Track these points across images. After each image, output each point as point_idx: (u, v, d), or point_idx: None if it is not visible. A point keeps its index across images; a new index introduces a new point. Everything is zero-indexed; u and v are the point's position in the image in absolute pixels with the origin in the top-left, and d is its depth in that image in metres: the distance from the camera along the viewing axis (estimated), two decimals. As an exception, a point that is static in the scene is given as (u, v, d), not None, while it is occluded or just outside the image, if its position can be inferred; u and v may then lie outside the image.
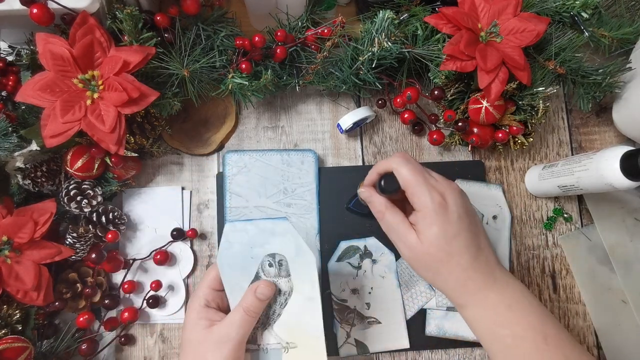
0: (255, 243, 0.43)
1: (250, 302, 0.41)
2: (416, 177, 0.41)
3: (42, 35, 0.44)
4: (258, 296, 0.41)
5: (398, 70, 0.57)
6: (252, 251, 0.43)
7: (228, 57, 0.54)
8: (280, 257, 0.43)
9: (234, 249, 0.43)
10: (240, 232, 0.43)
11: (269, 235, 0.43)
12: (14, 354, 0.44)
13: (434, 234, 0.40)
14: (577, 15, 0.54)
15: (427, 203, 0.40)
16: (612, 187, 0.46)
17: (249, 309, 0.41)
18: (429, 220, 0.40)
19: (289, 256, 0.43)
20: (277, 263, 0.43)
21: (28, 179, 0.50)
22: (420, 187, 0.41)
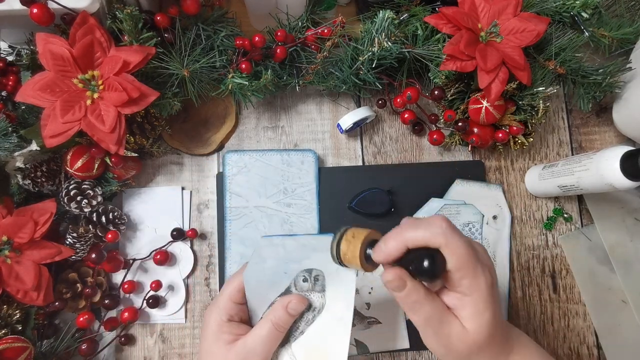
0: (292, 259, 0.40)
1: (280, 316, 0.39)
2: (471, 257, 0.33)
3: (42, 35, 0.44)
4: (289, 311, 0.39)
5: (398, 70, 0.57)
6: (286, 266, 0.40)
7: (228, 57, 0.54)
8: (318, 272, 0.40)
9: (266, 264, 0.40)
10: (276, 247, 0.40)
11: (310, 251, 0.39)
12: (14, 354, 0.44)
13: (486, 320, 0.34)
14: (577, 15, 0.54)
15: (482, 287, 0.33)
16: (612, 187, 0.46)
17: (278, 324, 0.39)
18: (482, 305, 0.34)
19: (328, 272, 0.39)
20: (313, 278, 0.40)
21: (28, 179, 0.50)
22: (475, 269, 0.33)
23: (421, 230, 0.33)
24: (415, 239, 0.33)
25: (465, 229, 0.57)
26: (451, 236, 0.32)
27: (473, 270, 0.33)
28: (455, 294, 0.35)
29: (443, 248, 0.33)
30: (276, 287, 0.40)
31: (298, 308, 0.40)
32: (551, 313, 0.57)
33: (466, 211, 0.57)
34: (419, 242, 0.33)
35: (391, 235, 0.34)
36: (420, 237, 0.33)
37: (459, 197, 0.58)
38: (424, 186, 0.58)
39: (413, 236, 0.33)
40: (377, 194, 0.57)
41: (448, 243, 0.32)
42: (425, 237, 0.33)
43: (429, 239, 0.33)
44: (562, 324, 0.57)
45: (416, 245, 0.33)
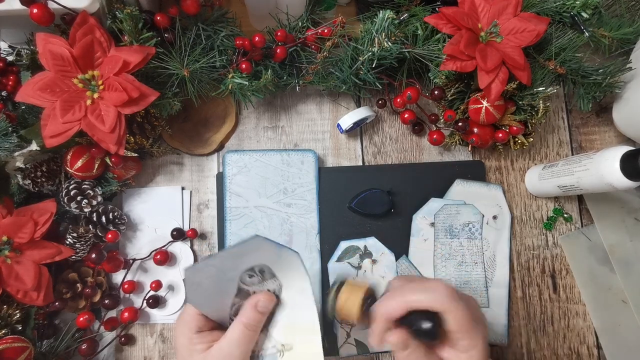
0: (227, 269, 0.40)
1: (251, 316, 0.39)
2: (470, 319, 0.36)
3: (42, 35, 0.44)
4: (259, 309, 0.39)
5: (398, 70, 0.57)
6: (225, 276, 0.40)
7: (228, 57, 0.54)
8: (260, 266, 0.40)
9: (203, 285, 0.40)
10: (204, 270, 0.40)
11: (241, 257, 0.40)
12: (14, 354, 0.44)
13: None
14: (577, 15, 0.54)
15: (478, 345, 0.36)
16: (612, 187, 0.46)
17: (249, 324, 0.39)
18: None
19: (271, 261, 0.40)
20: (258, 271, 0.40)
21: (28, 179, 0.50)
22: (473, 331, 0.36)
23: (424, 294, 0.36)
24: (419, 303, 0.36)
25: (465, 229, 0.57)
26: (453, 302, 0.36)
27: (471, 332, 0.36)
28: (452, 350, 0.37)
29: (445, 313, 0.36)
30: (227, 293, 0.41)
31: (267, 305, 0.40)
32: (551, 313, 0.57)
33: (466, 211, 0.57)
34: (422, 306, 0.36)
35: (394, 296, 0.38)
36: (424, 301, 0.36)
37: (459, 197, 0.58)
38: (424, 186, 0.58)
39: (417, 299, 0.36)
40: (377, 194, 0.57)
41: (450, 309, 0.35)
42: (429, 301, 0.36)
43: (432, 303, 0.36)
44: (562, 324, 0.57)
45: (420, 308, 0.36)
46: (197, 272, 0.40)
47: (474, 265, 0.57)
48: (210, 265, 0.39)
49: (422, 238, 0.57)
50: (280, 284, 0.41)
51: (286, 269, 0.41)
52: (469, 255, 0.57)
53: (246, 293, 0.41)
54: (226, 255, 0.40)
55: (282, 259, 0.40)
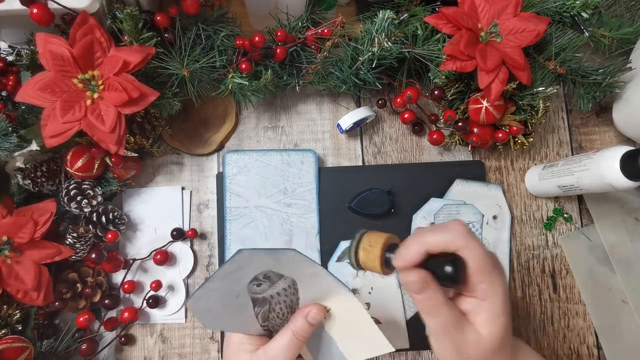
0: (229, 288, 0.39)
1: (300, 326, 0.40)
2: (489, 261, 0.33)
3: (42, 35, 0.44)
4: (310, 321, 0.40)
5: (398, 70, 0.57)
6: (233, 293, 0.39)
7: (228, 57, 0.54)
8: (263, 273, 0.39)
9: (214, 310, 0.39)
10: (208, 295, 0.38)
11: (237, 271, 0.38)
12: (14, 354, 0.44)
13: (501, 325, 0.34)
14: (577, 15, 0.54)
15: (498, 291, 0.33)
16: (612, 187, 0.46)
17: (298, 333, 0.39)
18: (498, 310, 0.34)
19: (270, 266, 0.39)
20: (263, 278, 0.39)
21: (28, 179, 0.50)
22: (492, 274, 0.33)
23: (441, 233, 0.33)
24: (436, 243, 0.33)
25: (465, 229, 0.57)
26: (470, 239, 0.33)
27: (490, 274, 0.33)
28: (471, 299, 0.35)
29: (463, 250, 0.33)
30: (243, 308, 0.40)
31: (318, 317, 0.40)
32: (551, 313, 0.57)
33: (466, 211, 0.57)
34: (439, 245, 0.33)
35: (412, 239, 0.35)
36: (441, 240, 0.33)
37: (459, 197, 0.58)
38: (424, 186, 0.58)
39: (434, 239, 0.34)
40: (377, 194, 0.57)
41: (468, 245, 0.33)
42: (446, 240, 0.33)
43: (449, 241, 0.33)
44: (562, 324, 0.57)
45: (437, 248, 0.34)
46: (200, 300, 0.39)
47: (474, 265, 0.57)
48: (211, 290, 0.38)
49: (422, 238, 0.57)
50: (292, 279, 0.40)
51: (290, 267, 0.40)
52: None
53: (262, 300, 0.41)
54: (222, 276, 0.38)
55: (282, 260, 0.39)
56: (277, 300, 0.41)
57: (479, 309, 0.34)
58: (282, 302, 0.42)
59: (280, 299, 0.41)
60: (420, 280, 0.33)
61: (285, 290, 0.41)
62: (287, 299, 0.42)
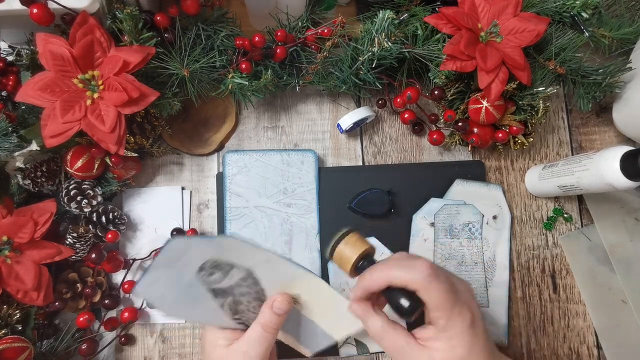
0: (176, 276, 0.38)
1: (268, 318, 0.40)
2: (448, 299, 0.35)
3: (42, 35, 0.44)
4: (275, 311, 0.40)
5: (398, 70, 0.57)
6: (183, 283, 0.39)
7: (228, 57, 0.54)
8: (208, 262, 0.39)
9: (169, 297, 0.39)
10: (153, 283, 0.38)
11: (177, 261, 0.38)
12: (14, 354, 0.44)
13: (458, 355, 0.35)
14: (577, 15, 0.54)
15: (457, 325, 0.35)
16: (612, 187, 0.46)
17: (267, 325, 0.40)
18: (455, 342, 0.35)
19: (215, 255, 0.39)
20: (212, 267, 0.39)
21: (28, 179, 0.50)
22: (452, 310, 0.35)
23: (403, 271, 0.36)
24: (399, 279, 0.36)
25: (465, 229, 0.57)
26: (433, 281, 0.35)
27: (449, 311, 0.35)
28: (432, 328, 0.37)
29: (421, 292, 0.36)
30: (203, 298, 0.40)
31: (283, 307, 0.40)
32: (551, 313, 0.57)
33: (466, 211, 0.57)
34: (401, 282, 0.36)
35: (378, 268, 0.38)
36: (403, 278, 0.36)
37: (459, 197, 0.58)
38: (424, 186, 0.58)
39: (395, 275, 0.36)
40: (377, 194, 0.57)
41: (428, 288, 0.35)
42: (407, 279, 0.36)
43: (411, 281, 0.36)
44: (562, 324, 0.57)
45: (399, 284, 0.36)
46: (149, 288, 0.38)
47: (474, 265, 0.57)
48: (156, 278, 0.38)
49: (422, 238, 0.57)
50: (246, 268, 0.40)
51: (237, 254, 0.39)
52: (469, 255, 0.57)
53: (222, 292, 0.41)
54: (161, 264, 0.37)
55: (223, 248, 0.39)
56: (240, 292, 0.41)
57: (438, 338, 0.36)
58: (247, 294, 0.41)
59: (243, 291, 0.41)
60: (361, 312, 0.38)
61: (243, 281, 0.41)
62: (250, 289, 0.41)
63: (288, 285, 0.42)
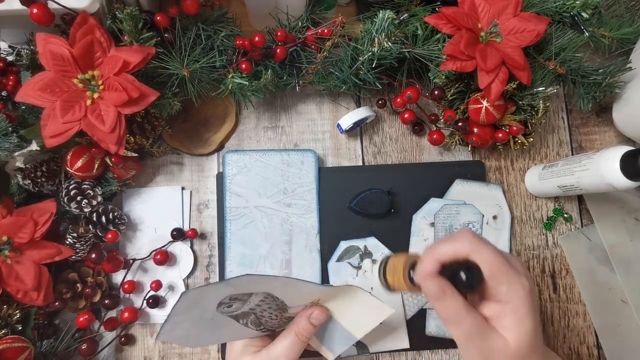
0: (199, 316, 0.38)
1: (303, 327, 0.41)
2: (503, 262, 0.33)
3: (42, 35, 0.44)
4: (312, 321, 0.41)
5: (398, 70, 0.57)
6: (204, 318, 0.39)
7: (228, 57, 0.54)
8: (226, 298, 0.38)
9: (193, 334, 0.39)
10: (176, 328, 0.38)
11: (197, 306, 0.38)
12: (14, 354, 0.44)
13: (528, 329, 0.33)
14: (577, 15, 0.54)
15: (520, 292, 0.33)
16: (612, 187, 0.46)
17: (301, 333, 0.40)
18: (523, 312, 0.33)
19: (230, 292, 0.38)
20: (230, 300, 0.38)
21: (28, 179, 0.50)
22: (509, 274, 0.33)
23: (450, 243, 0.35)
24: (446, 252, 0.35)
25: (465, 229, 0.57)
26: (477, 244, 0.34)
27: (507, 275, 0.33)
28: (494, 304, 0.34)
29: (472, 255, 0.34)
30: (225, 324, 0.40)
31: (320, 318, 0.41)
32: (551, 313, 0.57)
33: (466, 211, 0.57)
34: (449, 254, 0.35)
35: (425, 254, 0.36)
36: (450, 249, 0.35)
37: (459, 197, 0.58)
38: (424, 186, 0.58)
39: (444, 249, 0.35)
40: (377, 194, 0.57)
41: (476, 250, 0.34)
42: (454, 249, 0.34)
43: (457, 249, 0.34)
44: (562, 324, 0.57)
45: (448, 257, 0.35)
46: (172, 332, 0.38)
47: (474, 265, 0.57)
48: (178, 322, 0.38)
49: (422, 238, 0.57)
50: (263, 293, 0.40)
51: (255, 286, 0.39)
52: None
53: (243, 315, 0.41)
54: (182, 311, 0.37)
55: (239, 286, 0.38)
56: (261, 309, 0.41)
57: (503, 313, 0.33)
58: (267, 309, 0.41)
59: (264, 307, 0.41)
60: (437, 289, 0.34)
61: (262, 301, 0.40)
62: (270, 305, 0.41)
63: (310, 297, 0.42)
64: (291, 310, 0.43)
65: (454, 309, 0.34)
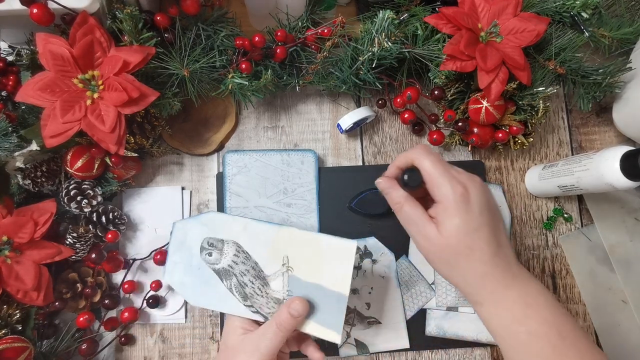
0: (188, 260, 0.46)
1: (284, 318, 0.41)
2: (438, 168, 0.40)
3: (42, 35, 0.44)
4: (291, 312, 0.41)
5: (398, 70, 0.57)
6: (194, 265, 0.46)
7: (228, 57, 0.54)
8: (206, 241, 0.46)
9: (187, 283, 0.46)
10: (174, 269, 0.46)
11: (183, 243, 0.47)
12: (14, 354, 0.44)
13: (455, 225, 0.39)
14: (577, 15, 0.54)
15: (449, 194, 0.39)
16: (612, 187, 0.46)
17: (281, 324, 0.41)
18: (451, 211, 0.39)
19: (205, 232, 0.46)
20: (209, 245, 0.46)
21: (28, 179, 0.50)
22: (442, 178, 0.40)
23: (405, 154, 0.43)
24: (400, 161, 0.44)
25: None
26: (423, 155, 0.41)
27: (441, 180, 0.40)
28: (435, 204, 0.41)
29: (415, 162, 0.42)
30: (212, 280, 0.46)
31: (300, 309, 0.42)
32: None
33: (466, 211, 0.57)
34: (403, 161, 0.43)
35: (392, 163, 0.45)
36: (403, 159, 0.43)
37: (459, 197, 0.58)
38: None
39: (401, 159, 0.44)
40: (377, 194, 0.57)
41: (419, 159, 0.41)
42: (406, 158, 0.43)
43: (408, 159, 0.42)
44: (562, 324, 0.57)
45: (403, 164, 0.43)
46: (172, 274, 0.46)
47: (474, 265, 0.57)
48: (175, 263, 0.46)
49: (422, 238, 0.57)
50: (233, 242, 0.45)
51: (220, 227, 0.46)
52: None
53: (224, 272, 0.45)
54: (174, 249, 0.47)
55: (208, 224, 0.46)
56: (239, 271, 0.45)
57: (437, 211, 0.40)
58: (246, 272, 0.45)
59: (241, 269, 0.45)
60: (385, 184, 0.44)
61: (236, 257, 0.45)
62: (246, 266, 0.45)
63: (274, 247, 0.45)
64: (272, 284, 0.44)
65: (395, 198, 0.43)
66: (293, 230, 0.45)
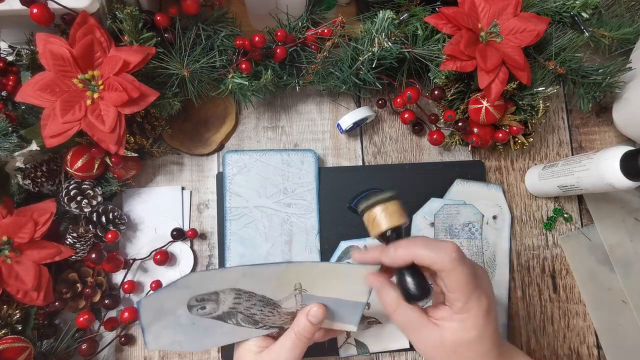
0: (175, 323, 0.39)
1: (303, 326, 0.40)
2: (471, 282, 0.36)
3: (42, 35, 0.44)
4: (310, 319, 0.40)
5: (398, 70, 0.57)
6: (183, 324, 0.39)
7: (228, 57, 0.54)
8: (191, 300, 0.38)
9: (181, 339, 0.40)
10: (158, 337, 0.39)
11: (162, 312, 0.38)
12: (14, 354, 0.44)
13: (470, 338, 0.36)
14: (577, 15, 0.54)
15: (474, 309, 0.36)
16: (612, 187, 0.46)
17: (301, 333, 0.40)
18: (469, 324, 0.36)
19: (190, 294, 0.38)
20: (198, 301, 0.38)
21: (28, 179, 0.50)
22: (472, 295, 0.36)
23: (430, 251, 0.36)
24: (424, 258, 0.36)
25: (465, 229, 0.57)
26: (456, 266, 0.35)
27: (468, 295, 0.35)
28: (447, 309, 0.37)
29: (444, 274, 0.35)
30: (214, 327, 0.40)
31: (319, 315, 0.40)
32: (551, 313, 0.57)
33: (466, 211, 0.57)
34: (426, 262, 0.36)
35: (404, 245, 0.37)
36: (429, 258, 0.36)
37: (459, 197, 0.58)
38: (424, 186, 0.58)
39: (421, 254, 0.36)
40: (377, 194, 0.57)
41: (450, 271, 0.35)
42: (434, 260, 0.35)
43: (436, 262, 0.35)
44: (562, 324, 0.57)
45: (423, 263, 0.36)
46: (157, 340, 0.40)
47: (474, 265, 0.57)
48: (156, 332, 0.39)
49: (422, 238, 0.57)
50: (230, 288, 0.39)
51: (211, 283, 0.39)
52: (469, 255, 0.57)
53: (227, 314, 0.41)
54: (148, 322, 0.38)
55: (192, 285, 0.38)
56: (245, 307, 0.40)
57: (452, 319, 0.36)
58: (253, 306, 0.41)
59: (247, 305, 0.40)
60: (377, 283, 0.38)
61: (239, 298, 0.40)
62: (251, 301, 0.40)
63: (283, 278, 0.40)
64: (284, 305, 0.41)
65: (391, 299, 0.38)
66: (305, 264, 0.41)
